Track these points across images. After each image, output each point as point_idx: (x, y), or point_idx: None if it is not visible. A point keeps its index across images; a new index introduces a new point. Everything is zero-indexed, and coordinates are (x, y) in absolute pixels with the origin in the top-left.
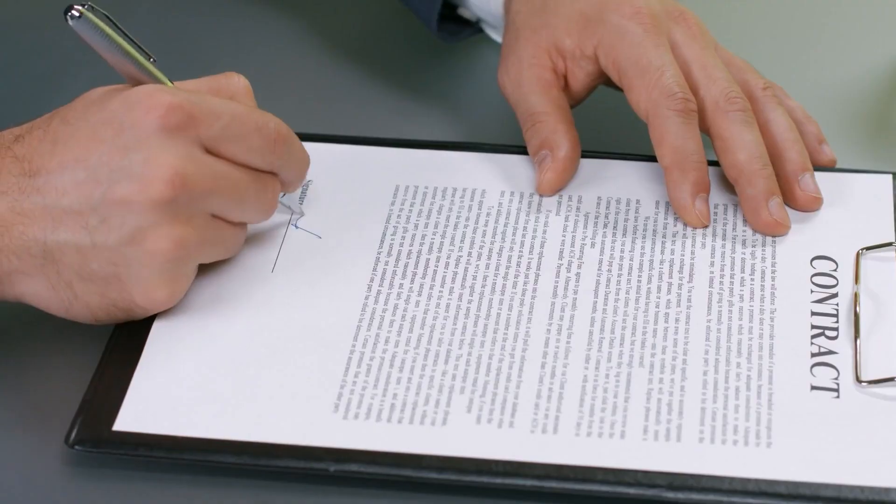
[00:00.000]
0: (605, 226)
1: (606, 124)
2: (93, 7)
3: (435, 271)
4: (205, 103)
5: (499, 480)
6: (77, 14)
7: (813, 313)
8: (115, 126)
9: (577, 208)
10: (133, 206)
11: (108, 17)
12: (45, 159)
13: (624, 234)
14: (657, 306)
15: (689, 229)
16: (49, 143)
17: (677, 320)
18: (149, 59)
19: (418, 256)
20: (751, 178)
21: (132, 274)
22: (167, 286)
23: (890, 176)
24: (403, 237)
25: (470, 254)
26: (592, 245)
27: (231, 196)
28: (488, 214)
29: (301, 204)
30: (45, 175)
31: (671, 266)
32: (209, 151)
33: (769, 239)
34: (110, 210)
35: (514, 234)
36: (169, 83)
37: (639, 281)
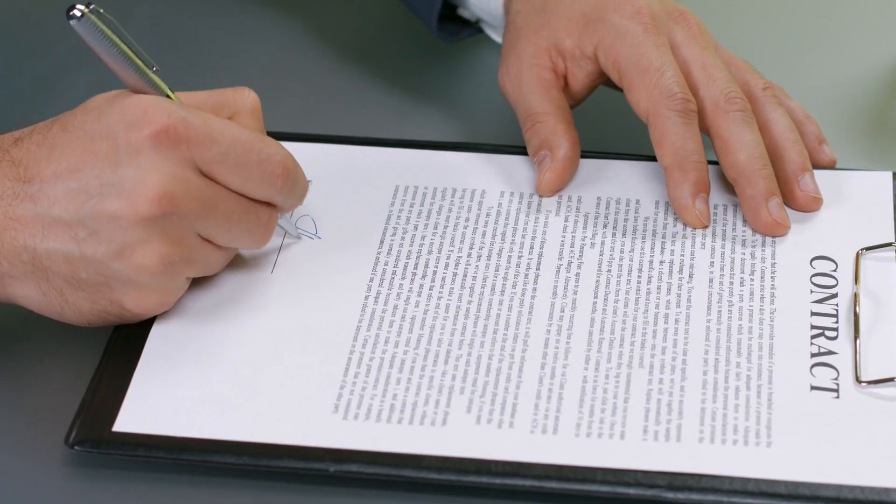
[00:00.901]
0: (605, 226)
1: (606, 124)
2: (97, 10)
3: (435, 272)
4: (204, 125)
5: (498, 481)
6: (79, 14)
7: (813, 313)
8: (110, 139)
9: (577, 208)
10: (120, 222)
11: (111, 21)
12: (41, 166)
13: (624, 235)
14: (657, 307)
15: (688, 229)
16: (46, 150)
17: (677, 321)
18: (151, 68)
19: (418, 257)
20: (750, 179)
21: (121, 285)
22: (156, 296)
23: (890, 173)
24: (403, 237)
25: (470, 254)
26: (592, 245)
27: (220, 222)
28: (488, 215)
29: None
30: (39, 183)
31: (671, 266)
32: (204, 174)
33: (769, 239)
34: (99, 223)
35: (513, 234)
36: (170, 93)
37: (638, 281)
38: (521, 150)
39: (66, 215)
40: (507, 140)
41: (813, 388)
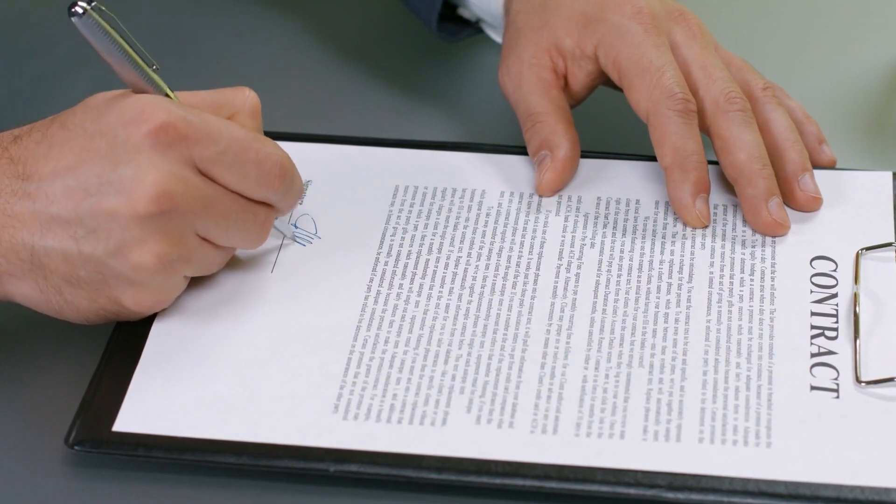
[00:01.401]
0: (605, 226)
1: (606, 124)
2: (99, 7)
3: (434, 272)
4: (202, 123)
5: (498, 481)
6: (81, 11)
7: (813, 313)
8: (109, 138)
9: (577, 208)
10: (119, 220)
11: (112, 18)
12: (39, 164)
13: (624, 235)
14: (657, 306)
15: (688, 229)
16: (45, 147)
17: (677, 320)
18: (151, 66)
19: (418, 257)
20: (750, 179)
21: (119, 283)
22: (155, 294)
23: (890, 174)
24: (403, 238)
25: (469, 254)
26: (592, 245)
27: (218, 221)
28: (488, 215)
29: (301, 203)
30: (38, 180)
31: (671, 266)
32: (202, 173)
33: (769, 239)
34: (97, 221)
35: (513, 234)
36: (170, 92)
37: (638, 281)
38: (521, 150)
39: (64, 213)
40: (507, 140)
41: (813, 388)
